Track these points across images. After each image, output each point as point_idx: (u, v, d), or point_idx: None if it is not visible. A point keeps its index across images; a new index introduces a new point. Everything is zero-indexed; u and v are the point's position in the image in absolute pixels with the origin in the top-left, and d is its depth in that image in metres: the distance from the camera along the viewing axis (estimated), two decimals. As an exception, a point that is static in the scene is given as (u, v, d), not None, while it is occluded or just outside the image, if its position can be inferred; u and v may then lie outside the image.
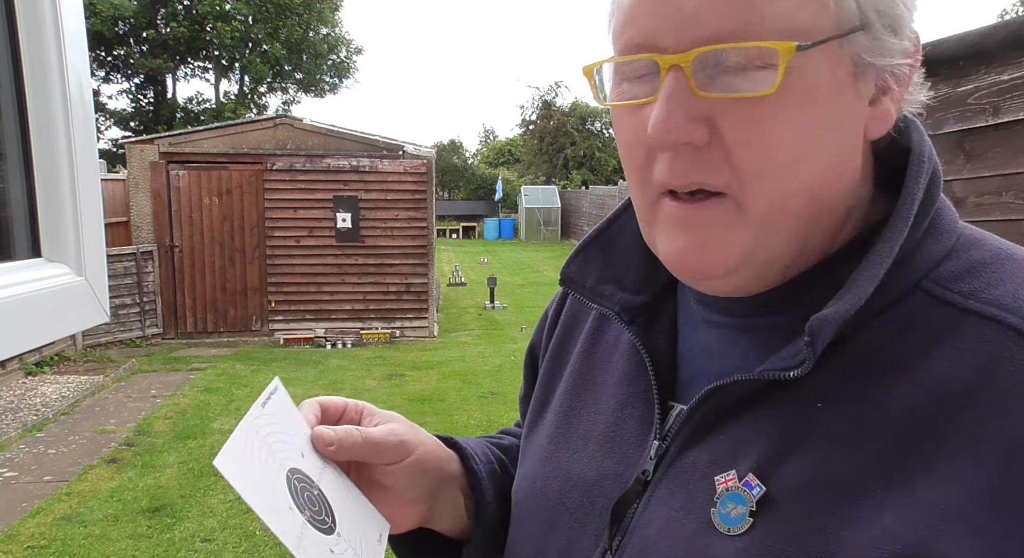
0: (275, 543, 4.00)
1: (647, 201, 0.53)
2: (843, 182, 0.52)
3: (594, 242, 0.67)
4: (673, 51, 0.47)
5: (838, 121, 0.50)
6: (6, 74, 0.70)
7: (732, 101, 0.47)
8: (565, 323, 0.75)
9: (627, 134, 0.52)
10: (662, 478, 0.56)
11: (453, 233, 28.17)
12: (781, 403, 0.51)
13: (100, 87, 22.91)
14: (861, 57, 0.48)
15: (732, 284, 0.54)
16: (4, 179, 0.71)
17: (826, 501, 0.46)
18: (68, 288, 0.74)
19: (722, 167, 0.48)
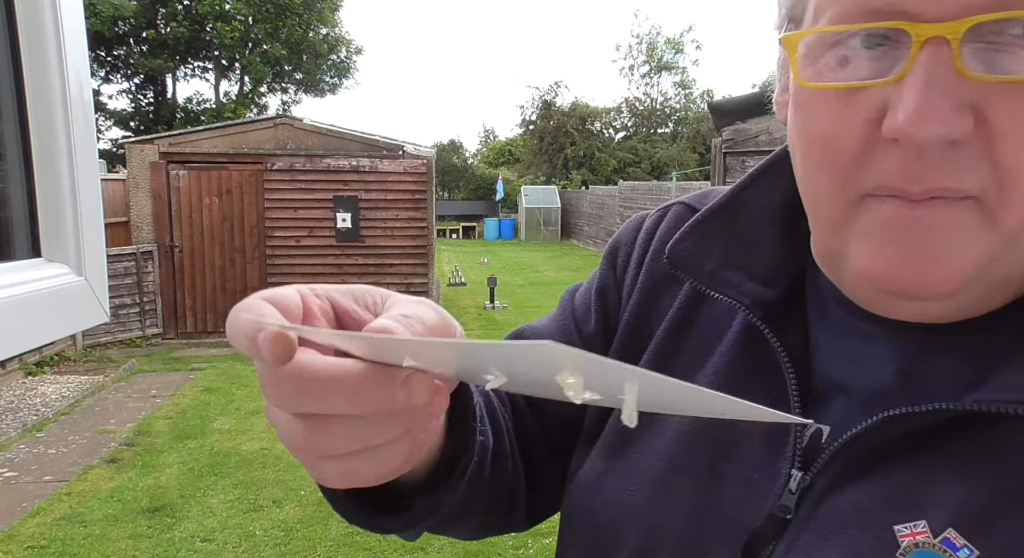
0: (275, 543, 4.00)
1: (843, 203, 0.42)
2: None
3: (716, 216, 0.55)
4: (932, 19, 0.36)
5: None
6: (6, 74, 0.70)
7: (1007, 86, 0.37)
8: (646, 290, 0.61)
9: (832, 122, 0.41)
10: (808, 518, 0.45)
11: (453, 233, 28.17)
12: (984, 442, 0.42)
13: (100, 87, 22.91)
14: None
15: (949, 307, 0.44)
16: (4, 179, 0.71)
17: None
18: (68, 288, 0.74)
19: (979, 167, 0.38)
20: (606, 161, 30.48)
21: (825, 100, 0.41)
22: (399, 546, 3.98)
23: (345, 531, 4.15)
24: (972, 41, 0.37)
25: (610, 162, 30.30)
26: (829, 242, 0.46)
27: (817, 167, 0.43)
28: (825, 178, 0.43)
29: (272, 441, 5.64)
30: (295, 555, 3.89)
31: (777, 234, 0.53)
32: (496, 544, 4.04)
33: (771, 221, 0.54)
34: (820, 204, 0.45)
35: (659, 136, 32.58)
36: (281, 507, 4.44)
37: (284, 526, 4.20)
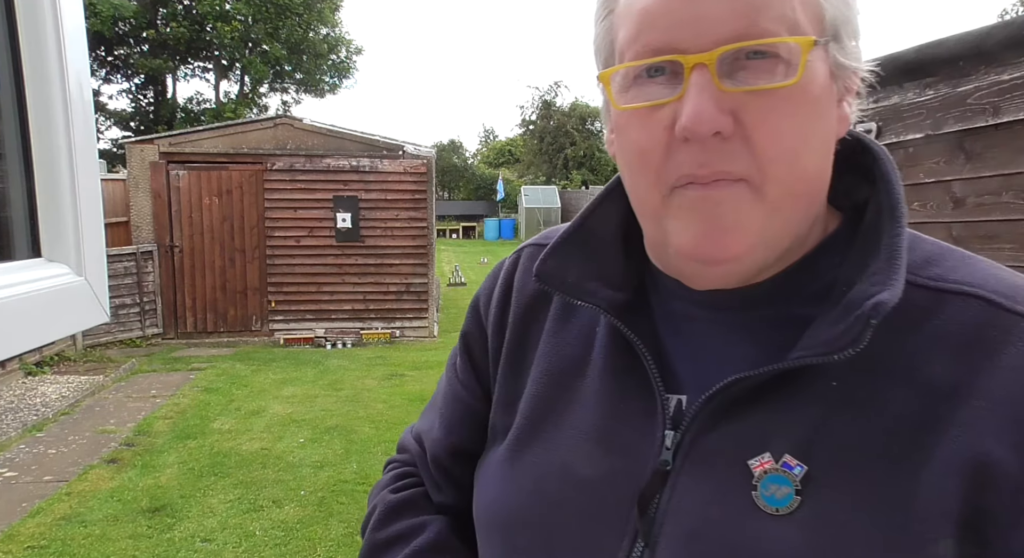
0: (275, 543, 4.00)
1: (660, 196, 0.56)
2: (826, 174, 0.58)
3: (572, 238, 0.68)
4: (694, 51, 0.52)
5: (829, 114, 0.56)
6: (6, 74, 0.70)
7: (750, 94, 0.52)
8: (517, 320, 0.73)
9: (643, 134, 0.55)
10: (683, 466, 0.57)
11: (453, 233, 28.16)
12: (800, 388, 0.54)
13: (100, 87, 22.91)
14: (837, 59, 0.55)
15: (741, 268, 0.57)
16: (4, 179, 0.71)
17: (867, 468, 0.51)
18: (68, 288, 0.74)
19: (743, 155, 0.52)
20: (606, 161, 30.46)
21: (635, 119, 0.55)
22: (399, 546, 3.98)
23: (345, 531, 4.15)
24: (723, 64, 0.52)
25: (610, 162, 30.17)
26: (654, 232, 0.59)
27: (637, 172, 0.57)
28: (644, 180, 0.57)
29: (272, 441, 5.64)
30: (295, 555, 3.89)
31: (618, 249, 0.66)
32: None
33: (612, 239, 0.67)
34: (643, 201, 0.58)
35: (659, 136, 32.53)
36: (281, 507, 4.44)
37: (284, 526, 4.20)
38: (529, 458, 0.65)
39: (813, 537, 0.50)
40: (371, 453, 5.39)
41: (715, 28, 0.51)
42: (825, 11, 0.54)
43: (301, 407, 6.55)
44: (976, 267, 0.57)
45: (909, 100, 3.25)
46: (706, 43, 0.51)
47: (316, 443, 5.61)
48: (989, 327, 0.52)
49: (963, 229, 2.97)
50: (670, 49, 0.53)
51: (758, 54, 0.52)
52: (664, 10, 0.53)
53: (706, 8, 0.51)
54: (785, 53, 0.51)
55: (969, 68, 2.98)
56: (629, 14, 0.55)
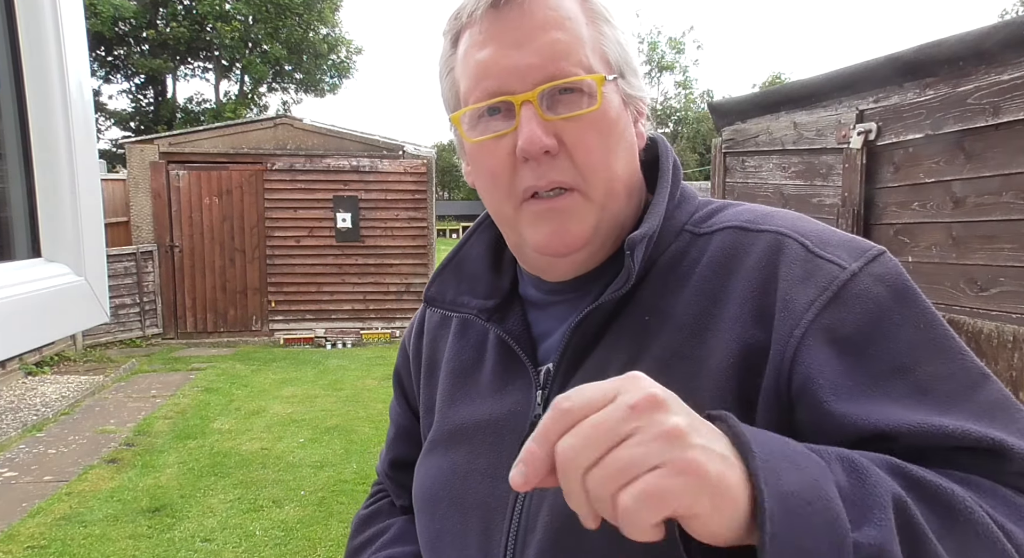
0: (275, 543, 4.00)
1: (513, 208, 0.72)
2: (636, 176, 0.76)
3: (447, 267, 0.84)
4: (521, 92, 0.68)
5: (627, 132, 0.73)
6: (6, 74, 0.70)
7: (567, 120, 0.68)
8: (429, 342, 0.90)
9: (492, 160, 0.71)
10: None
11: (453, 233, 28.17)
12: (621, 328, 0.71)
13: (100, 87, 22.91)
14: (625, 91, 0.73)
15: (583, 256, 0.74)
16: (4, 179, 0.71)
17: (670, 369, 0.65)
18: (68, 288, 0.74)
19: (570, 167, 0.69)
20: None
21: (484, 150, 0.71)
22: (399, 546, 3.98)
23: (345, 531, 4.15)
24: (543, 100, 0.68)
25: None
26: (514, 237, 0.76)
27: (492, 190, 0.73)
28: (498, 195, 0.73)
29: (272, 441, 5.64)
30: (295, 555, 3.89)
31: (488, 267, 0.83)
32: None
33: (483, 260, 0.84)
34: (501, 213, 0.75)
35: (659, 136, 32.51)
36: (281, 507, 4.44)
37: (284, 526, 4.20)
38: (442, 445, 0.81)
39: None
40: (371, 453, 5.39)
41: (533, 74, 0.68)
42: (609, 56, 0.72)
43: (301, 407, 6.55)
44: (741, 208, 0.75)
45: (909, 100, 3.25)
46: (528, 85, 0.68)
47: (316, 443, 5.60)
48: (738, 245, 0.70)
49: (963, 229, 2.97)
50: (502, 92, 0.68)
51: (568, 90, 0.68)
52: (494, 63, 0.69)
53: (525, 60, 0.68)
54: (586, 88, 0.68)
55: (969, 68, 2.98)
56: (467, 68, 0.71)
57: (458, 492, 0.76)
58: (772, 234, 0.69)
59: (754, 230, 0.71)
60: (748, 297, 0.66)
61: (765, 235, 0.70)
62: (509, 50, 0.68)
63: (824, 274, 0.65)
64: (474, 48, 0.71)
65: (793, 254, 0.67)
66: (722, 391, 0.64)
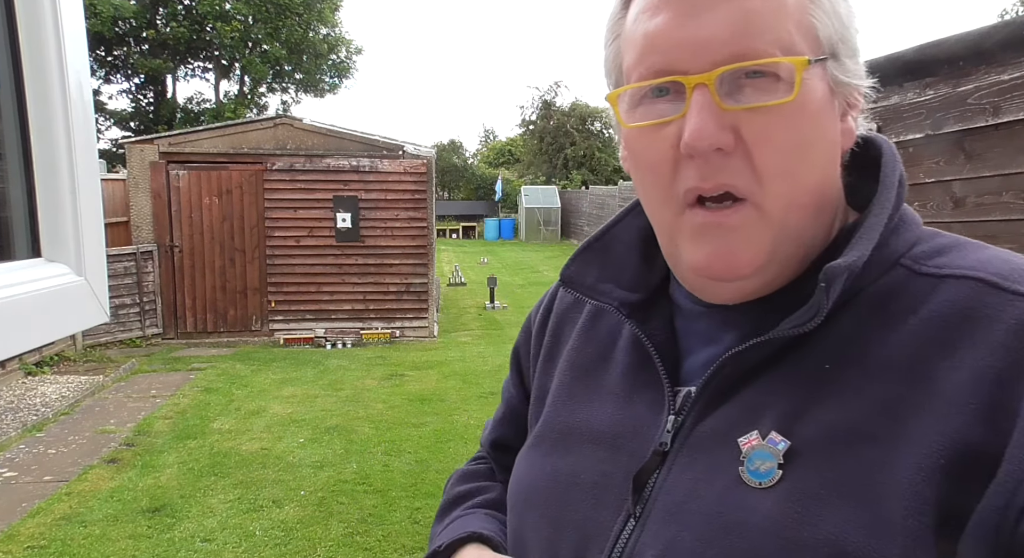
0: (275, 543, 4.00)
1: (672, 213, 0.60)
2: (834, 186, 0.61)
3: (592, 246, 0.74)
4: (695, 72, 0.55)
5: (828, 129, 0.59)
6: (6, 74, 0.70)
7: (750, 112, 0.55)
8: (555, 324, 0.81)
9: (651, 151, 0.59)
10: (681, 448, 0.60)
11: (453, 233, 28.16)
12: (790, 368, 0.57)
13: (100, 87, 22.89)
14: (835, 76, 0.58)
15: (751, 285, 0.61)
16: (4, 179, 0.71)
17: (849, 446, 0.52)
18: (68, 288, 0.74)
19: (745, 170, 0.56)
20: (606, 161, 30.47)
21: (643, 137, 0.59)
22: (399, 546, 3.98)
23: (345, 531, 4.15)
24: (723, 84, 0.55)
25: (610, 162, 30.27)
26: (669, 246, 0.64)
27: (649, 187, 0.61)
28: (656, 194, 0.61)
29: (272, 441, 5.64)
30: (295, 555, 3.89)
31: (639, 256, 0.72)
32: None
33: (634, 247, 0.72)
34: (658, 216, 0.63)
35: (659, 136, 32.46)
36: (281, 507, 4.44)
37: (284, 526, 4.20)
38: (548, 445, 0.71)
39: (788, 509, 0.52)
40: (371, 453, 5.39)
41: (713, 50, 0.54)
42: (820, 32, 0.57)
43: (301, 407, 6.55)
44: (984, 253, 0.58)
45: (909, 100, 3.25)
46: (705, 64, 0.55)
47: (316, 443, 5.60)
48: (980, 306, 0.53)
49: (963, 229, 2.97)
50: (672, 70, 0.56)
51: (756, 73, 0.55)
52: (666, 34, 0.56)
53: (705, 32, 0.55)
54: (782, 72, 0.54)
55: (969, 68, 2.98)
56: (634, 38, 0.59)
57: (555, 505, 0.67)
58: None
59: (1009, 291, 0.52)
60: (981, 382, 0.49)
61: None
62: (685, 19, 0.55)
63: None
64: (646, 13, 0.58)
65: None
66: (918, 497, 0.48)
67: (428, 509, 4.43)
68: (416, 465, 5.16)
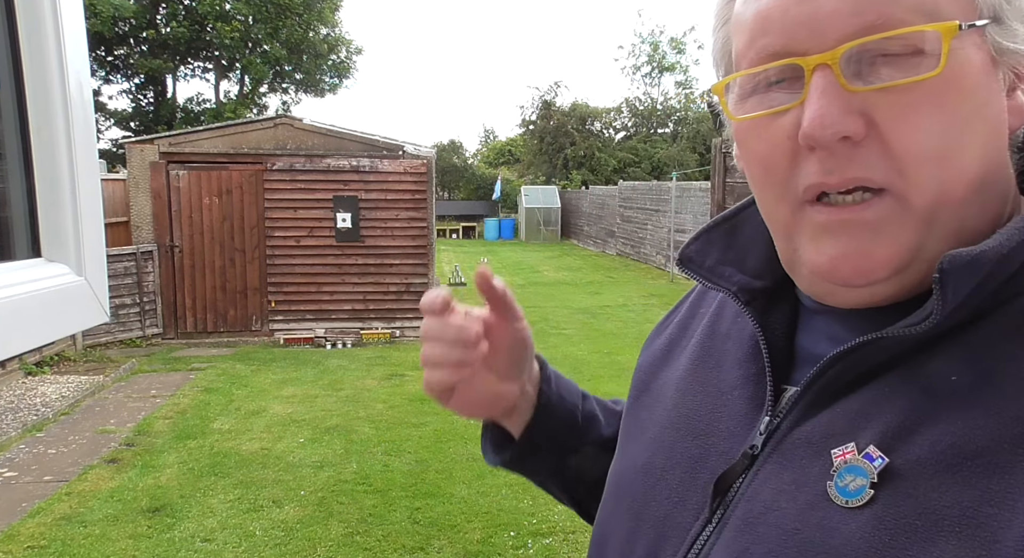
0: (275, 543, 4.00)
1: (789, 210, 0.52)
2: (1000, 173, 0.51)
3: (719, 226, 0.67)
4: (816, 52, 0.48)
5: (989, 107, 0.49)
6: (6, 74, 0.70)
7: (883, 92, 0.47)
8: (685, 316, 0.76)
9: (763, 146, 0.52)
10: (771, 453, 0.55)
11: (453, 233, 28.17)
12: (907, 375, 0.50)
13: (100, 87, 22.89)
14: (1000, 43, 0.48)
15: (892, 289, 0.52)
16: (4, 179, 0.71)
17: (963, 474, 0.44)
18: (68, 288, 0.74)
19: (881, 160, 0.48)
20: (606, 161, 30.47)
21: (755, 130, 0.52)
22: (399, 546, 3.98)
23: (345, 531, 4.15)
24: (849, 63, 0.47)
25: (610, 162, 30.28)
26: (786, 250, 0.56)
27: (763, 185, 0.54)
28: (771, 194, 0.54)
29: (272, 441, 5.64)
30: (295, 555, 3.89)
31: (769, 241, 0.61)
32: (496, 545, 4.04)
33: (765, 232, 0.61)
34: (772, 218, 0.56)
35: (659, 136, 32.52)
36: (281, 507, 4.44)
37: (284, 526, 4.20)
38: (649, 434, 0.68)
39: (874, 536, 0.46)
40: (371, 453, 5.39)
41: (837, 24, 0.47)
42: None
43: (301, 407, 6.55)
44: None
45: (909, 100, 3.25)
46: (828, 42, 0.47)
47: (316, 443, 5.60)
48: None
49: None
50: (788, 52, 0.49)
51: (892, 48, 0.47)
52: (780, 11, 0.49)
53: (826, 4, 0.47)
54: (924, 44, 0.46)
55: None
56: (743, 21, 0.53)
57: (640, 498, 0.63)
58: None
59: None
60: None
61: None
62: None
63: None
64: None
65: None
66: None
67: (428, 509, 4.43)
68: (416, 465, 5.16)
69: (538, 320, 10.89)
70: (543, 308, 12.01)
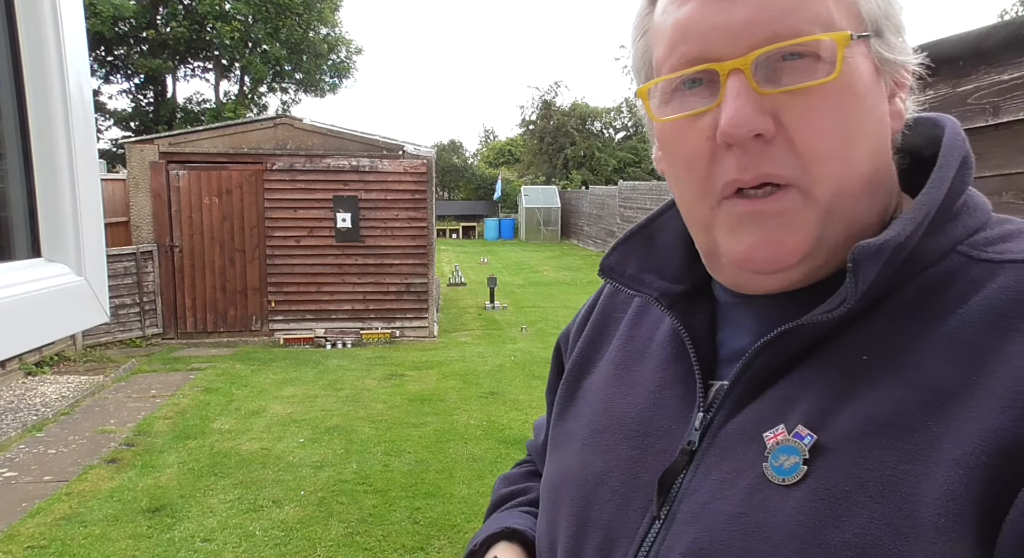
0: (275, 543, 4.00)
1: (708, 205, 0.57)
2: (886, 170, 0.58)
3: (636, 236, 0.71)
4: (729, 58, 0.53)
5: (877, 110, 0.55)
6: (6, 74, 0.70)
7: (790, 95, 0.52)
8: (598, 320, 0.78)
9: (686, 145, 0.56)
10: (709, 446, 0.58)
11: (453, 233, 28.17)
12: (823, 360, 0.54)
13: (100, 87, 22.90)
14: (881, 54, 0.55)
15: (799, 274, 0.57)
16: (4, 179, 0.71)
17: (881, 440, 0.49)
18: (68, 288, 0.74)
19: (788, 157, 0.53)
20: (606, 161, 30.47)
21: (676, 132, 0.57)
22: (399, 546, 3.98)
23: (345, 531, 4.15)
24: (759, 68, 0.52)
25: (610, 162, 30.28)
26: (706, 243, 0.61)
27: (684, 183, 0.59)
28: (691, 190, 0.58)
29: (272, 441, 5.64)
30: (295, 555, 3.89)
31: (686, 247, 0.67)
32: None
33: (680, 238, 0.68)
34: (692, 213, 0.60)
35: (659, 136, 32.44)
36: (281, 507, 4.44)
37: (284, 526, 4.20)
38: (580, 442, 0.70)
39: (812, 508, 0.49)
40: (371, 453, 5.39)
41: (748, 33, 0.52)
42: (861, 7, 0.54)
43: (301, 407, 6.55)
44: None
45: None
46: (739, 49, 0.52)
47: (316, 443, 5.60)
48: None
49: (963, 229, 2.97)
50: (704, 58, 0.54)
51: (795, 55, 0.52)
52: (696, 21, 0.54)
53: (738, 15, 0.52)
54: (823, 51, 0.52)
55: (969, 68, 2.98)
56: (663, 30, 0.57)
57: (583, 503, 0.65)
58: None
59: None
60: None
61: None
62: (716, 3, 0.53)
63: None
64: (674, 3, 0.56)
65: None
66: (954, 496, 0.45)
67: (428, 509, 4.43)
68: (416, 465, 5.16)
69: (538, 320, 10.89)
70: (543, 308, 12.01)
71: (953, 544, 0.45)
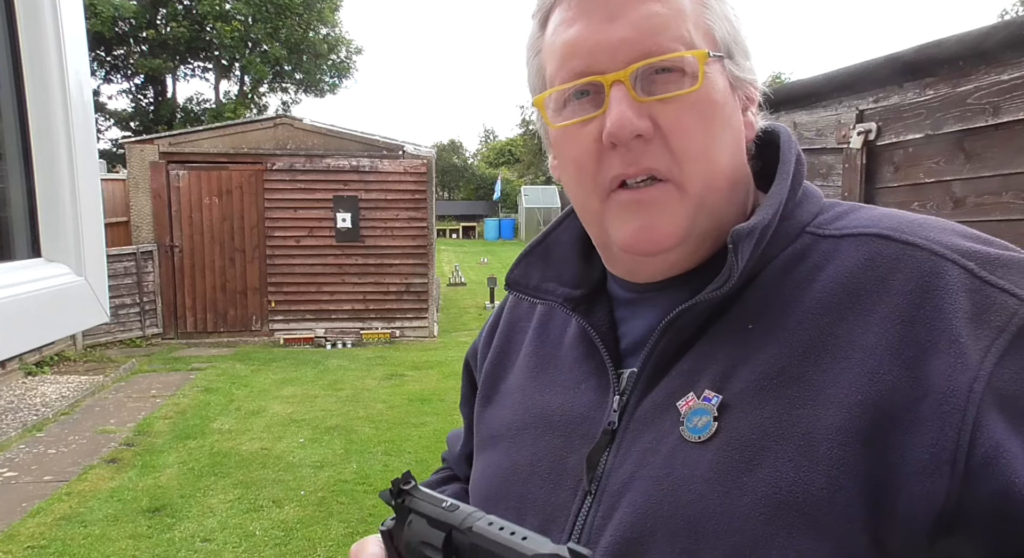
0: (275, 543, 4.00)
1: (598, 199, 0.65)
2: (743, 170, 0.68)
3: (534, 250, 0.79)
4: (611, 71, 0.61)
5: (734, 118, 0.66)
6: (6, 74, 0.70)
7: (663, 102, 0.61)
8: (504, 331, 0.85)
9: (577, 147, 0.65)
10: (628, 423, 0.65)
11: (453, 233, 28.16)
12: (718, 334, 0.63)
13: (100, 87, 22.90)
14: (733, 73, 0.65)
15: (674, 257, 0.66)
16: (4, 179, 0.71)
17: (773, 392, 0.58)
18: (68, 288, 0.74)
19: (665, 154, 0.62)
20: (606, 161, 30.40)
21: (569, 136, 0.65)
22: (399, 546, 3.98)
23: (345, 531, 4.15)
24: (637, 80, 0.61)
25: (610, 162, 30.20)
26: (600, 235, 0.70)
27: (577, 182, 0.67)
28: (583, 188, 0.66)
29: (272, 441, 5.64)
30: (295, 555, 3.89)
31: (579, 255, 0.77)
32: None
33: (574, 247, 0.77)
34: (586, 209, 0.68)
35: (659, 136, 32.48)
36: (281, 507, 4.44)
37: (284, 526, 4.20)
38: (505, 442, 0.75)
39: (726, 457, 0.57)
40: (371, 453, 5.39)
41: (626, 50, 0.61)
42: (715, 32, 0.64)
43: (301, 407, 6.55)
44: (878, 212, 0.66)
45: (909, 100, 3.25)
46: (619, 63, 0.61)
47: (316, 443, 5.60)
48: (878, 257, 0.60)
49: (963, 229, 2.96)
50: (591, 71, 0.62)
51: (665, 69, 0.62)
52: (583, 40, 0.63)
53: (617, 34, 0.61)
54: (687, 66, 0.61)
55: (969, 68, 2.98)
56: (554, 49, 0.66)
57: (517, 494, 0.71)
58: (926, 252, 0.58)
59: (900, 241, 0.60)
60: (888, 324, 0.56)
61: (916, 251, 0.59)
62: (600, 25, 0.62)
63: (998, 310, 0.54)
64: (563, 26, 0.65)
65: (955, 280, 0.56)
66: (845, 429, 0.54)
67: (428, 509, 4.43)
68: (416, 465, 5.16)
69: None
70: (543, 308, 12.00)
71: (843, 469, 0.53)
